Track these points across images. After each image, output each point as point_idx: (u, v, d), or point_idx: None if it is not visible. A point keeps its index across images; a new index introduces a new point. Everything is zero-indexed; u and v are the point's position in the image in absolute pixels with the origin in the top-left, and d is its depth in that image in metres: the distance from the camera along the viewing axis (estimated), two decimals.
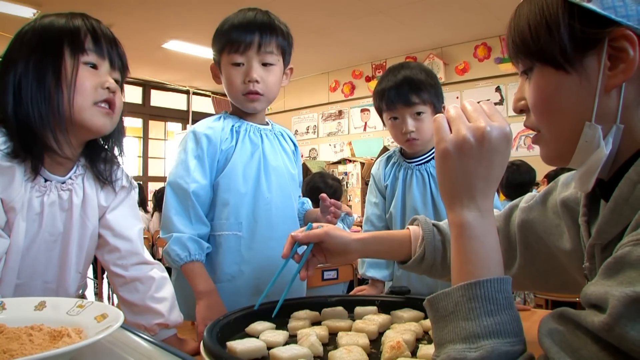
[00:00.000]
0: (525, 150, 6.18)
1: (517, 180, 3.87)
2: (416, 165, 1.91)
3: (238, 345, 0.96)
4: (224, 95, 1.59)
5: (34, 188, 1.14)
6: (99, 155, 1.28)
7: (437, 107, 1.84)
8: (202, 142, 1.50)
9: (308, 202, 1.81)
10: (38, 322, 0.78)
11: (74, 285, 1.26)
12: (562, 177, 0.99)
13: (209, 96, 9.76)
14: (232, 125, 1.57)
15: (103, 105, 1.18)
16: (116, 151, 1.32)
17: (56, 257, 1.22)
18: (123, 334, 0.82)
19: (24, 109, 1.11)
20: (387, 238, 1.22)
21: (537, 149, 0.83)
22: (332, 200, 1.60)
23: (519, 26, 0.77)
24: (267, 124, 1.69)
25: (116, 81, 1.21)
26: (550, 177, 4.56)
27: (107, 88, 1.18)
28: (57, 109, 1.12)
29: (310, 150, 8.84)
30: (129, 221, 1.33)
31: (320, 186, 3.68)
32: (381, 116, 1.94)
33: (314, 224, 1.24)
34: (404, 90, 1.79)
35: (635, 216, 0.62)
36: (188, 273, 1.39)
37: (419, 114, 1.80)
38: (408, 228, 1.22)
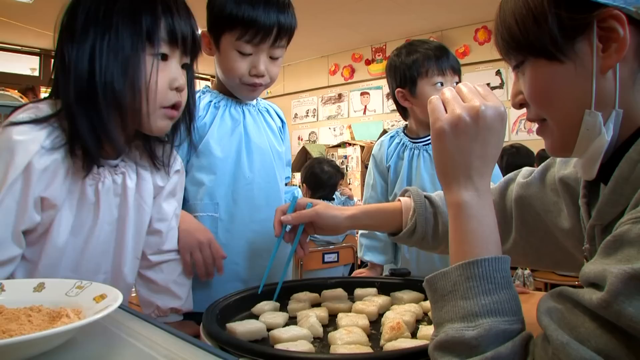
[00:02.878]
0: (525, 134, 6.17)
1: (517, 163, 3.87)
2: (423, 145, 1.86)
3: (238, 327, 0.96)
4: None
5: (88, 177, 1.05)
6: (153, 138, 1.17)
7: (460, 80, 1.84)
8: None
9: (298, 192, 1.72)
10: (37, 303, 0.78)
11: (131, 272, 1.19)
12: None
13: (209, 80, 9.71)
14: (210, 101, 1.48)
15: (169, 109, 1.09)
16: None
17: (112, 245, 1.15)
18: (122, 315, 0.82)
19: (91, 100, 1.01)
20: (378, 211, 1.22)
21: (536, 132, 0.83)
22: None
23: (505, 22, 0.77)
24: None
25: (185, 65, 1.12)
26: (541, 157, 4.57)
27: (176, 88, 1.08)
28: (128, 109, 1.04)
29: (309, 134, 8.82)
30: (172, 201, 1.28)
31: (317, 172, 3.71)
32: (411, 87, 1.81)
33: (300, 201, 1.22)
34: (451, 56, 1.80)
35: (636, 195, 0.62)
36: None
37: (456, 83, 1.78)
38: (399, 200, 1.21)
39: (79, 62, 1.00)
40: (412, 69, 1.80)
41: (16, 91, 3.75)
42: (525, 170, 1.09)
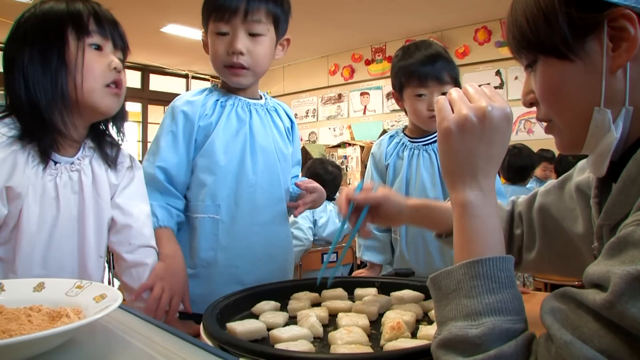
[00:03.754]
0: (525, 134, 6.16)
1: (519, 163, 3.87)
2: (423, 145, 1.86)
3: (238, 326, 0.96)
4: None
5: (46, 172, 1.12)
6: (104, 138, 1.27)
7: (458, 87, 1.81)
8: (179, 118, 1.43)
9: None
10: (37, 303, 0.78)
11: (97, 271, 1.22)
12: (579, 163, 0.99)
13: (208, 80, 9.72)
14: (217, 100, 1.48)
15: (112, 86, 1.19)
16: (115, 134, 1.31)
17: (75, 244, 1.18)
18: (122, 315, 0.82)
19: (32, 95, 1.11)
20: (434, 208, 1.19)
21: (536, 133, 0.84)
22: (304, 184, 1.57)
23: (516, 21, 0.77)
24: (260, 97, 1.58)
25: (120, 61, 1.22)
26: (540, 156, 4.60)
27: (114, 68, 1.18)
28: (63, 92, 1.13)
29: (309, 134, 8.82)
30: (136, 201, 1.30)
31: (320, 172, 3.68)
32: (400, 92, 1.83)
33: (367, 185, 1.18)
34: (438, 66, 1.74)
35: None
36: (156, 239, 1.33)
37: (444, 93, 1.74)
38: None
39: (17, 71, 1.12)
40: (400, 76, 1.81)
41: None
42: (549, 182, 1.09)
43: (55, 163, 1.15)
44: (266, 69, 1.49)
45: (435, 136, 1.81)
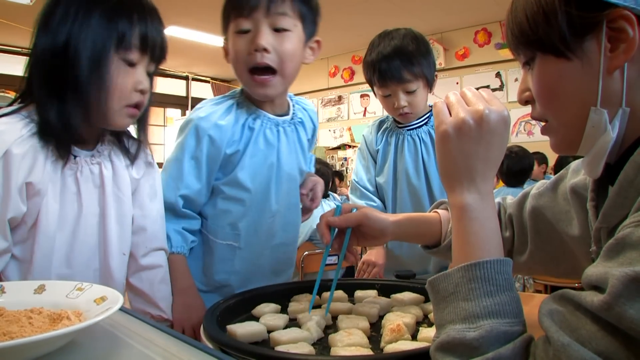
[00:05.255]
0: (525, 136, 6.16)
1: (516, 167, 3.87)
2: (407, 130, 1.87)
3: (238, 328, 0.96)
4: (224, 81, 1.48)
5: (66, 166, 1.07)
6: (123, 132, 1.23)
7: (430, 78, 1.75)
8: (204, 142, 1.30)
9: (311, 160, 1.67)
10: (37, 305, 0.78)
11: (120, 269, 1.19)
12: (573, 164, 0.99)
13: (208, 82, 9.72)
14: (246, 120, 1.35)
15: (132, 108, 1.13)
16: (136, 132, 1.26)
17: (97, 241, 1.15)
18: (123, 317, 0.82)
19: (59, 91, 1.05)
20: (419, 220, 1.18)
21: (536, 135, 0.84)
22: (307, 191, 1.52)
23: (516, 18, 0.77)
24: (287, 109, 1.46)
25: (150, 74, 1.16)
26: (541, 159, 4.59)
27: (140, 90, 1.12)
28: (93, 104, 1.07)
29: None
30: (154, 201, 1.27)
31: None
32: (372, 87, 1.83)
33: (345, 206, 1.15)
34: (395, 65, 1.67)
35: (639, 198, 0.62)
36: (168, 265, 1.30)
37: (411, 91, 1.72)
38: (436, 212, 1.18)
39: (52, 52, 1.04)
40: (365, 72, 1.81)
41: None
42: (540, 182, 1.09)
43: (75, 157, 1.10)
44: (295, 73, 1.35)
45: (419, 122, 1.84)
